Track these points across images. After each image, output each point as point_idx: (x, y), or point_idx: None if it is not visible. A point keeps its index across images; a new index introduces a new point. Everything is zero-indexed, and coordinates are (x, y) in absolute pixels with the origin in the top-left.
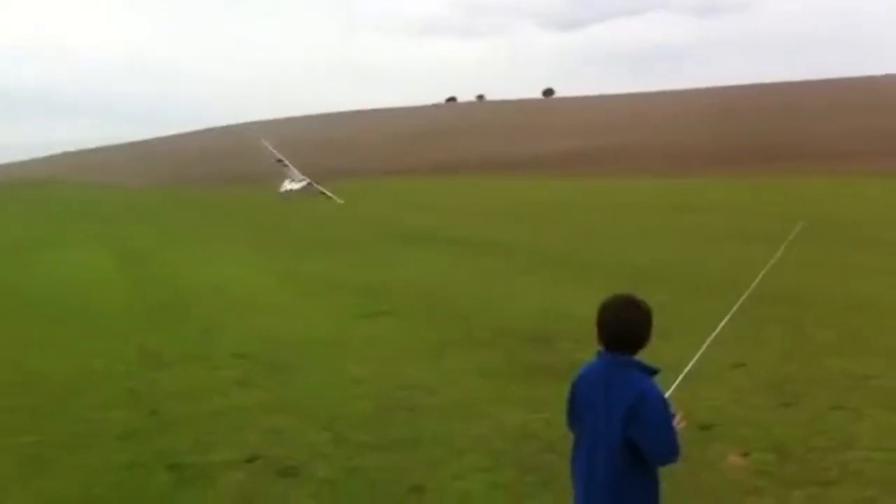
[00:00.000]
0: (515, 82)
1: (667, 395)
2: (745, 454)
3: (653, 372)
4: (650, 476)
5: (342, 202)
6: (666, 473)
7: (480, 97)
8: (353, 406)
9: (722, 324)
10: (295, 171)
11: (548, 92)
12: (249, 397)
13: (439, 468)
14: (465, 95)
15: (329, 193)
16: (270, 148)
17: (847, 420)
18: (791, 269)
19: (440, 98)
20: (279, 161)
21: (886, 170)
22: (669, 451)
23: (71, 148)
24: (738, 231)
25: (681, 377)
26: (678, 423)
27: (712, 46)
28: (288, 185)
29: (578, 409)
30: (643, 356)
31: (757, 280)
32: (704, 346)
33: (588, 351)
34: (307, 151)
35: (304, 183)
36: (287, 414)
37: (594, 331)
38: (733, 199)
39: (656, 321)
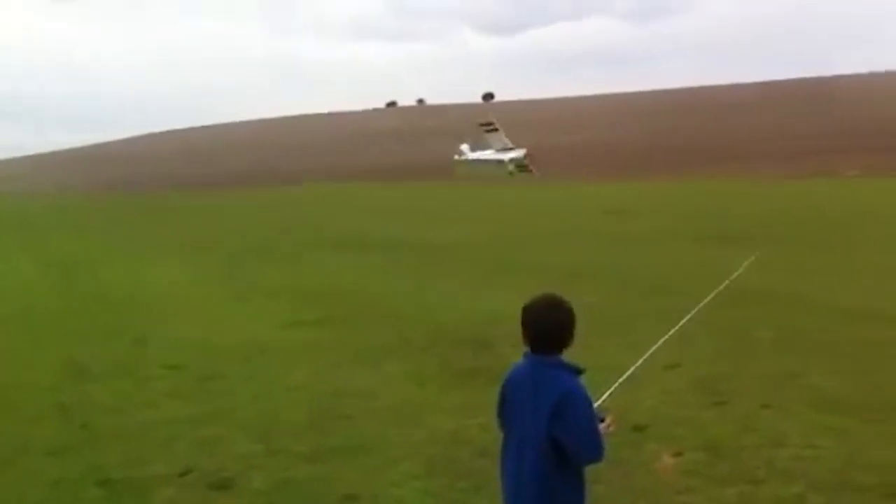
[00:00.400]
0: (455, 86)
1: (606, 395)
2: (678, 454)
3: (578, 371)
4: (577, 476)
5: (540, 176)
6: (600, 475)
7: (421, 101)
8: (286, 415)
9: (676, 328)
10: (503, 139)
11: (488, 96)
12: (181, 409)
13: (374, 476)
14: (406, 100)
15: (534, 169)
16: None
17: (777, 418)
18: (725, 269)
19: (380, 102)
20: (484, 125)
21: (823, 170)
22: (593, 450)
23: (2, 155)
24: (676, 232)
25: (623, 378)
26: (608, 426)
27: (652, 50)
28: (472, 154)
29: (508, 409)
30: (578, 355)
31: (715, 291)
32: (654, 347)
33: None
34: (248, 156)
35: (511, 154)
36: (220, 425)
37: (519, 332)
38: (672, 201)
39: (594, 322)
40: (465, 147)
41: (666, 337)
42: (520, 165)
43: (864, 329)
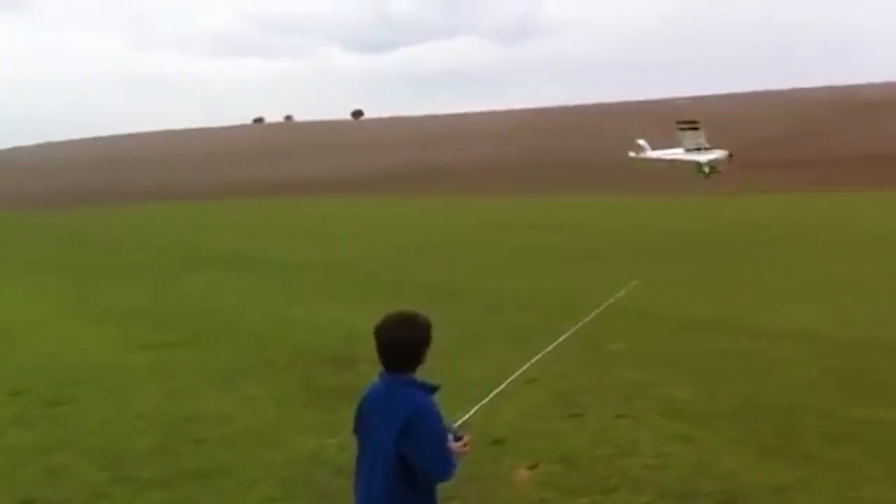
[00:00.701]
0: (324, 103)
1: (473, 412)
2: (534, 466)
3: (432, 389)
4: (429, 493)
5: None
6: (458, 490)
7: (289, 118)
8: (137, 441)
9: (555, 344)
10: (700, 140)
11: (357, 113)
12: (25, 436)
13: (228, 500)
14: (273, 116)
15: (719, 170)
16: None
17: (630, 428)
18: (587, 282)
19: (247, 119)
20: (684, 123)
21: (677, 189)
22: (441, 468)
23: None
24: (549, 249)
25: (493, 394)
26: (464, 445)
27: (522, 69)
28: (653, 152)
29: (363, 427)
30: (441, 371)
31: (601, 308)
32: (527, 365)
33: None
34: (108, 172)
35: (712, 155)
36: (65, 453)
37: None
38: (540, 217)
39: (461, 338)
40: (643, 143)
41: (542, 354)
42: (712, 167)
43: (715, 340)
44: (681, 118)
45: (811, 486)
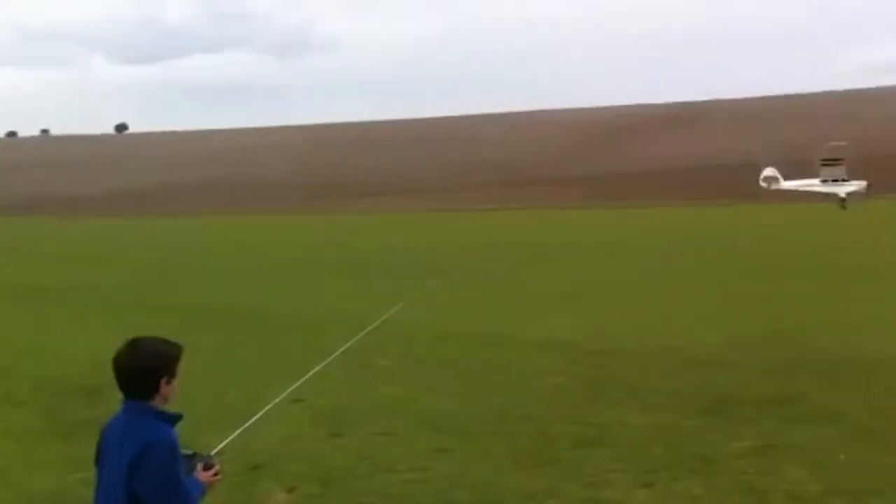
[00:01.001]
0: (85, 116)
1: (228, 440)
2: (292, 490)
3: (172, 419)
4: None
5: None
6: None
7: (45, 131)
8: None
9: (322, 364)
10: (839, 172)
11: (121, 127)
12: None
13: None
14: (28, 129)
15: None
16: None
17: (390, 445)
18: (354, 299)
19: None
20: (826, 160)
21: (459, 205)
22: (172, 503)
23: None
24: (311, 267)
25: (253, 420)
26: (213, 475)
27: (295, 85)
28: (787, 183)
29: (101, 460)
30: (197, 399)
31: (369, 328)
32: (294, 387)
33: None
34: None
35: (850, 188)
36: None
37: None
38: (309, 235)
39: (223, 361)
40: (773, 172)
41: (310, 374)
42: (849, 198)
43: (476, 352)
44: (825, 156)
45: (560, 491)
